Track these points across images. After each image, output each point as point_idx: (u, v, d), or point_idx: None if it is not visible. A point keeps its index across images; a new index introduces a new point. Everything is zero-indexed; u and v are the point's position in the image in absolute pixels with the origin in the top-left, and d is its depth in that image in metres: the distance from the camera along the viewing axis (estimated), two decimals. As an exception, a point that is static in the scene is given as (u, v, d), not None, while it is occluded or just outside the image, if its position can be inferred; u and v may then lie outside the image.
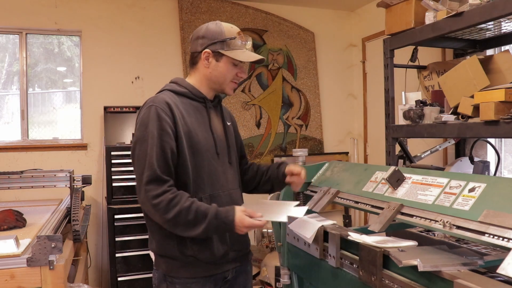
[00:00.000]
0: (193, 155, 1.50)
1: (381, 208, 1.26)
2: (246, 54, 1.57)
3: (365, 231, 1.33)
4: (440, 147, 2.82)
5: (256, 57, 1.58)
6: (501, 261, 0.82)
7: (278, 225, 1.73)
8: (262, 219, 1.40)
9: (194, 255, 1.49)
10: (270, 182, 1.73)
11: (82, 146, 3.72)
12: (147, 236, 1.62)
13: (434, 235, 1.56)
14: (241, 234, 1.57)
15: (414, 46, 2.65)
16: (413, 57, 2.69)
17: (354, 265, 1.20)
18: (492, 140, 2.71)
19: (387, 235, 1.38)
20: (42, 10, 3.63)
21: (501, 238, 0.88)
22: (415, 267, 0.94)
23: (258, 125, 4.22)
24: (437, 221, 1.05)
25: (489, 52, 2.76)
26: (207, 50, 1.54)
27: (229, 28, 1.57)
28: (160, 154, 1.42)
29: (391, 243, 1.09)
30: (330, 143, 4.53)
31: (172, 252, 1.50)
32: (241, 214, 1.40)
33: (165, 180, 1.41)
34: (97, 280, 3.72)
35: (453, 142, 2.85)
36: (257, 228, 1.49)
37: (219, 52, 1.54)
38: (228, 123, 1.72)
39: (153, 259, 1.58)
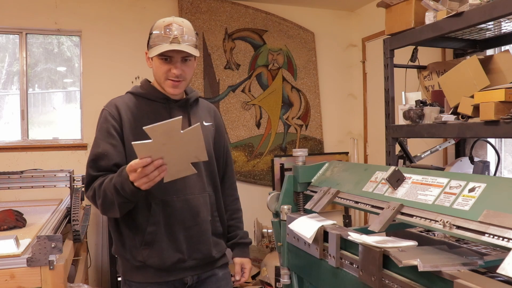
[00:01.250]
0: None
1: (381, 208, 1.26)
2: (160, 47, 1.43)
3: (365, 231, 1.33)
4: (440, 147, 2.82)
5: (167, 48, 1.41)
6: (501, 261, 0.82)
7: (278, 225, 1.73)
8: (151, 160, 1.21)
9: (143, 260, 1.47)
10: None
11: (82, 146, 3.72)
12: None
13: (434, 235, 1.56)
14: (201, 243, 1.56)
15: (414, 46, 2.65)
16: (413, 57, 2.69)
17: (354, 265, 1.20)
18: (492, 140, 2.71)
19: (387, 235, 1.38)
20: (42, 10, 3.63)
21: (501, 238, 0.88)
22: (415, 267, 0.94)
23: (258, 125, 4.22)
24: (437, 221, 1.05)
25: (489, 52, 2.76)
26: (146, 50, 1.53)
27: (160, 23, 1.47)
28: (98, 156, 1.43)
29: (391, 243, 1.09)
30: (330, 143, 4.53)
31: (126, 255, 1.50)
32: (132, 162, 1.25)
33: (98, 176, 1.43)
34: (97, 280, 3.72)
35: (453, 142, 2.85)
36: (142, 168, 1.23)
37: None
38: (206, 123, 1.64)
39: None
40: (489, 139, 2.64)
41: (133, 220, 1.49)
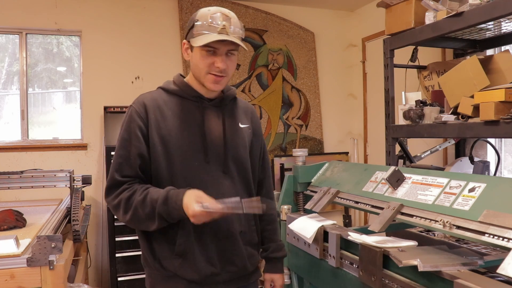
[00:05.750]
0: (171, 162, 1.35)
1: (381, 208, 1.26)
2: (207, 37, 1.30)
3: (365, 231, 1.33)
4: (440, 147, 2.82)
5: (215, 38, 1.29)
6: (501, 261, 0.82)
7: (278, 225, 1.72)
8: (213, 209, 1.22)
9: (174, 271, 1.36)
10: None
11: (82, 146, 3.72)
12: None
13: (434, 235, 1.56)
14: (235, 255, 1.42)
15: (414, 46, 2.65)
16: (413, 57, 2.69)
17: (354, 265, 1.20)
18: (492, 140, 2.71)
19: (387, 235, 1.38)
20: (42, 10, 3.63)
21: (501, 238, 0.88)
22: (415, 267, 0.94)
23: (258, 125, 4.22)
24: (437, 221, 1.05)
25: (489, 52, 2.76)
26: (184, 40, 1.40)
27: (205, 12, 1.35)
28: (125, 159, 1.35)
29: (391, 243, 1.09)
30: (330, 143, 4.53)
31: (154, 265, 1.39)
32: (189, 200, 1.23)
33: (123, 182, 1.34)
34: (97, 280, 3.72)
35: (453, 142, 2.85)
36: (206, 219, 1.26)
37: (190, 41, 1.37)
38: (242, 126, 1.50)
39: None
40: (489, 139, 2.64)
41: (163, 229, 1.35)
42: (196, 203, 1.22)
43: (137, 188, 1.33)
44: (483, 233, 0.93)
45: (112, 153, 3.31)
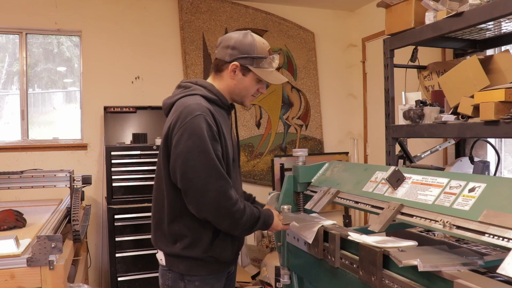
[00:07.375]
0: (227, 166, 1.51)
1: (381, 208, 1.26)
2: (274, 75, 1.59)
3: (365, 231, 1.33)
4: (440, 147, 2.82)
5: (283, 80, 1.63)
6: (501, 261, 0.82)
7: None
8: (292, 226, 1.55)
9: (215, 256, 1.52)
10: None
11: (82, 146, 3.72)
12: (146, 236, 1.61)
13: (434, 235, 1.56)
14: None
15: (414, 46, 2.65)
16: (413, 57, 2.69)
17: (354, 265, 1.20)
18: (492, 140, 2.71)
19: (387, 235, 1.38)
20: (42, 10, 3.63)
21: (501, 238, 0.88)
22: (415, 267, 0.94)
23: (258, 125, 4.22)
24: (437, 221, 1.05)
25: (489, 52, 2.76)
26: (235, 63, 1.54)
27: (261, 45, 1.58)
28: (218, 164, 1.44)
29: (391, 243, 1.09)
30: (330, 143, 4.53)
31: (198, 254, 1.51)
32: (277, 220, 1.57)
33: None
34: (97, 280, 3.72)
35: (453, 142, 2.85)
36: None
37: (247, 67, 1.55)
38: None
39: (163, 261, 1.55)
40: (489, 139, 2.64)
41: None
42: (279, 221, 1.58)
43: (244, 201, 1.51)
44: (483, 233, 0.93)
45: (112, 153, 3.32)
